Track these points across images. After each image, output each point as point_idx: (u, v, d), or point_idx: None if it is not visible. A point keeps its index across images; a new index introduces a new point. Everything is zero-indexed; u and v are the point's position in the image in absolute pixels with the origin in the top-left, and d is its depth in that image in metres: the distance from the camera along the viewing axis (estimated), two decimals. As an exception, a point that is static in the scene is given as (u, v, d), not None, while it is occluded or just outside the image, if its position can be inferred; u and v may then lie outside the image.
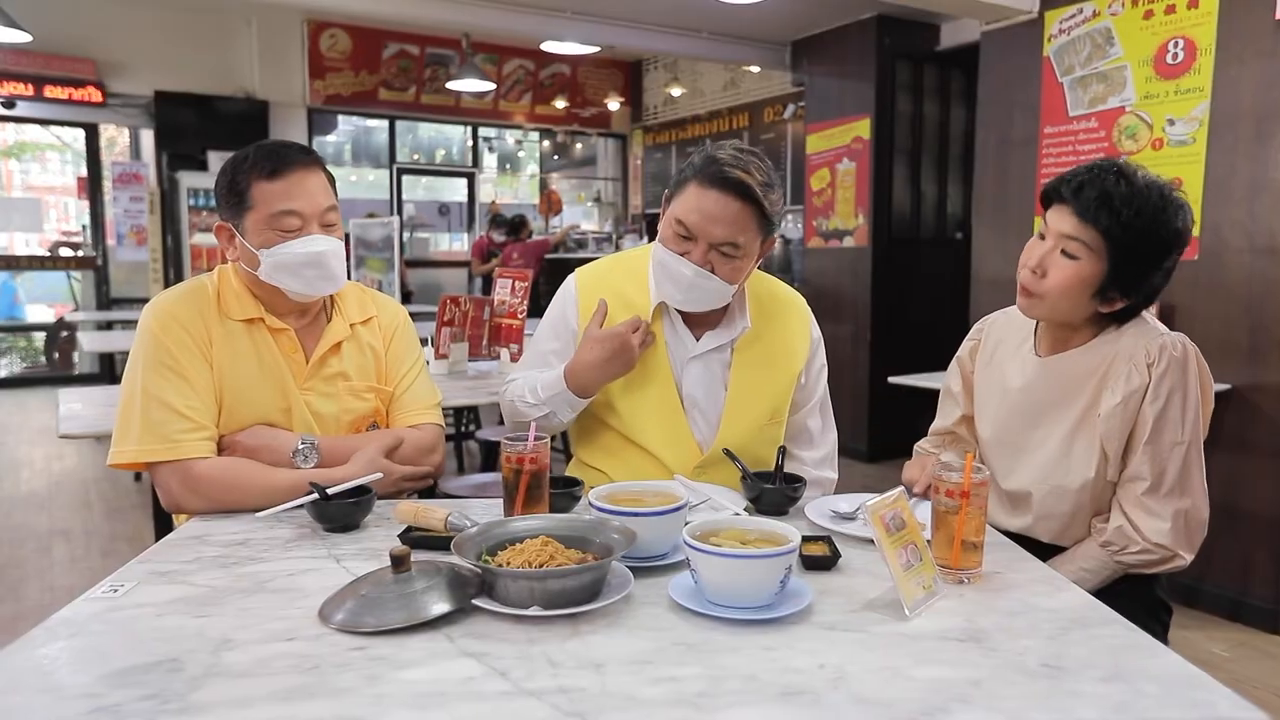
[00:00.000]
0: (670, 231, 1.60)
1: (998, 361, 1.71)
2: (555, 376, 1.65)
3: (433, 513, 1.30)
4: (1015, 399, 1.64)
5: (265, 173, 1.50)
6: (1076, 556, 1.54)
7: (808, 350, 1.77)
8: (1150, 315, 1.60)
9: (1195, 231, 3.31)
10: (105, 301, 7.99)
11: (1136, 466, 1.50)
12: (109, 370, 6.84)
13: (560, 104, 9.31)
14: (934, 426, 1.86)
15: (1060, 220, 1.49)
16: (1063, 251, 1.48)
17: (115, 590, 1.11)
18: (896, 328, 5.52)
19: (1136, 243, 1.44)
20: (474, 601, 1.04)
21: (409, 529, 1.32)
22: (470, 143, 9.50)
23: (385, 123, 8.84)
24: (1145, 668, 0.95)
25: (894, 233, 5.56)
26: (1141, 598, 1.57)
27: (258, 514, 1.38)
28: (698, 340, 1.70)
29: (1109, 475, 1.53)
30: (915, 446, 1.86)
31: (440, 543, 1.25)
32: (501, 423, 5.14)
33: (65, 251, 8.18)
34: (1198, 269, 3.31)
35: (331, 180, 1.60)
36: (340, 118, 8.79)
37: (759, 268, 1.75)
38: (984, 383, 1.73)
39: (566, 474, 1.61)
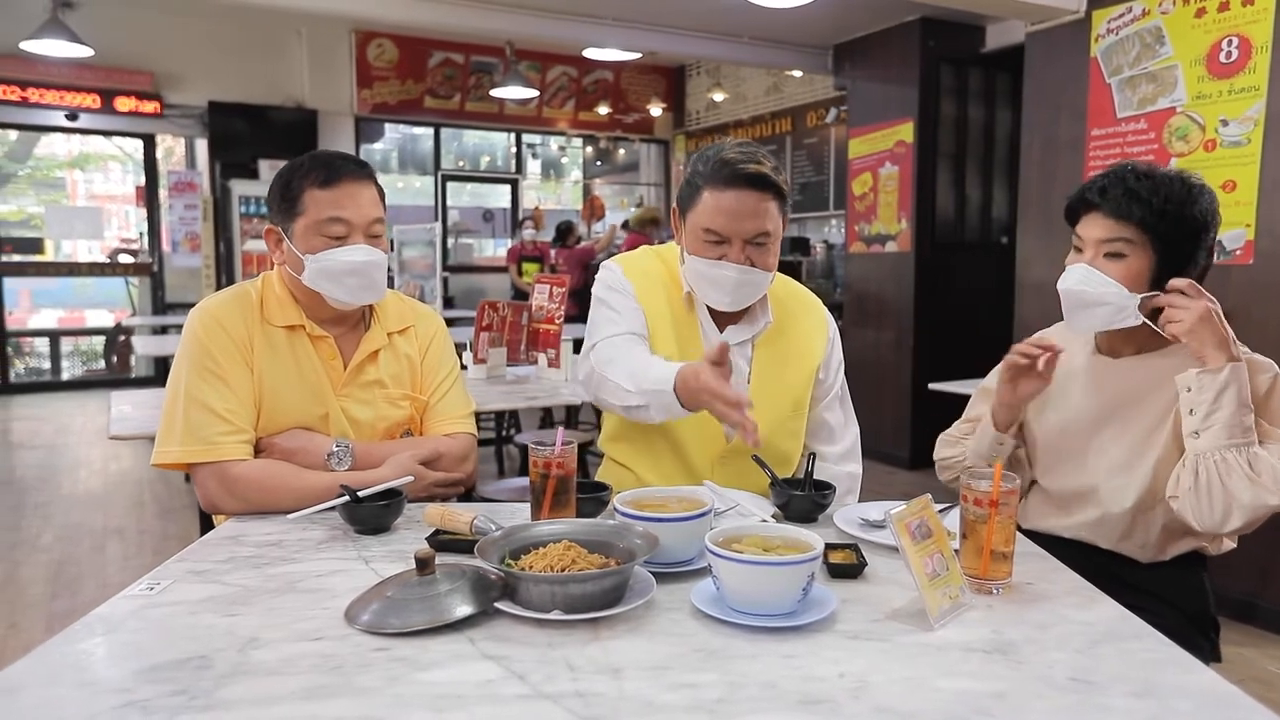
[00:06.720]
0: (699, 242, 1.61)
1: (1061, 363, 1.68)
2: (663, 374, 1.46)
3: (459, 516, 1.31)
4: (1081, 400, 1.64)
5: (319, 181, 1.54)
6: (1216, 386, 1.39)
7: (825, 346, 1.79)
8: None
9: (1250, 235, 3.21)
10: (160, 306, 8.22)
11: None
12: (162, 373, 7.03)
13: (603, 110, 9.35)
14: (968, 416, 1.82)
15: (1094, 227, 1.52)
16: (1106, 255, 1.50)
17: (151, 588, 1.15)
18: (940, 334, 5.43)
19: (1174, 226, 1.47)
20: (496, 605, 1.05)
21: (437, 532, 1.34)
22: (514, 149, 9.59)
23: (431, 130, 8.97)
24: (1179, 684, 0.92)
25: (937, 238, 5.48)
26: (1194, 614, 1.52)
27: (290, 515, 1.41)
28: (723, 334, 1.71)
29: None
30: (941, 436, 1.82)
31: (467, 546, 1.26)
32: (541, 426, 5.19)
33: (124, 258, 8.43)
34: (1253, 272, 3.21)
35: (381, 194, 1.64)
36: (387, 126, 8.94)
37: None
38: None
39: (597, 478, 1.61)
